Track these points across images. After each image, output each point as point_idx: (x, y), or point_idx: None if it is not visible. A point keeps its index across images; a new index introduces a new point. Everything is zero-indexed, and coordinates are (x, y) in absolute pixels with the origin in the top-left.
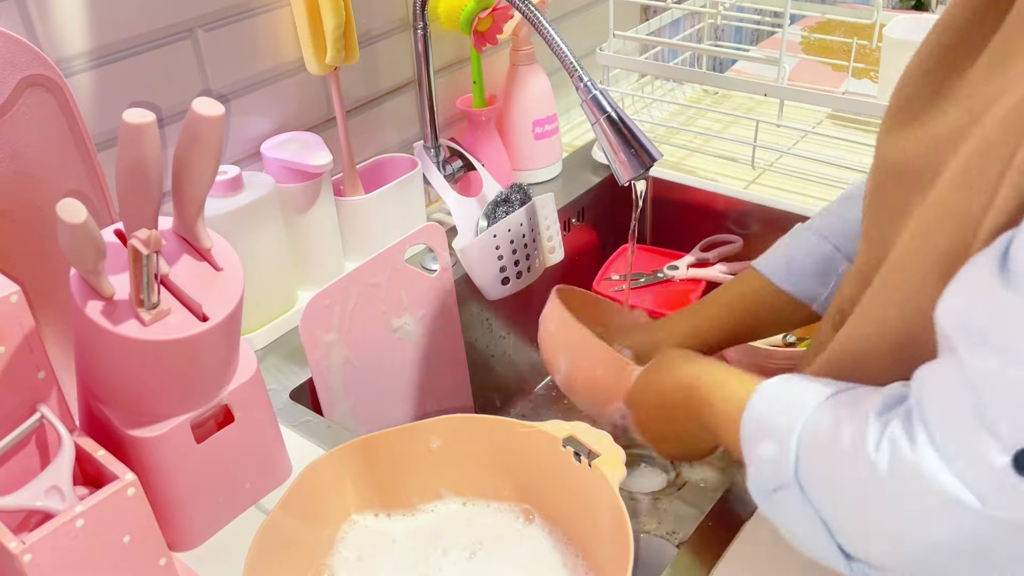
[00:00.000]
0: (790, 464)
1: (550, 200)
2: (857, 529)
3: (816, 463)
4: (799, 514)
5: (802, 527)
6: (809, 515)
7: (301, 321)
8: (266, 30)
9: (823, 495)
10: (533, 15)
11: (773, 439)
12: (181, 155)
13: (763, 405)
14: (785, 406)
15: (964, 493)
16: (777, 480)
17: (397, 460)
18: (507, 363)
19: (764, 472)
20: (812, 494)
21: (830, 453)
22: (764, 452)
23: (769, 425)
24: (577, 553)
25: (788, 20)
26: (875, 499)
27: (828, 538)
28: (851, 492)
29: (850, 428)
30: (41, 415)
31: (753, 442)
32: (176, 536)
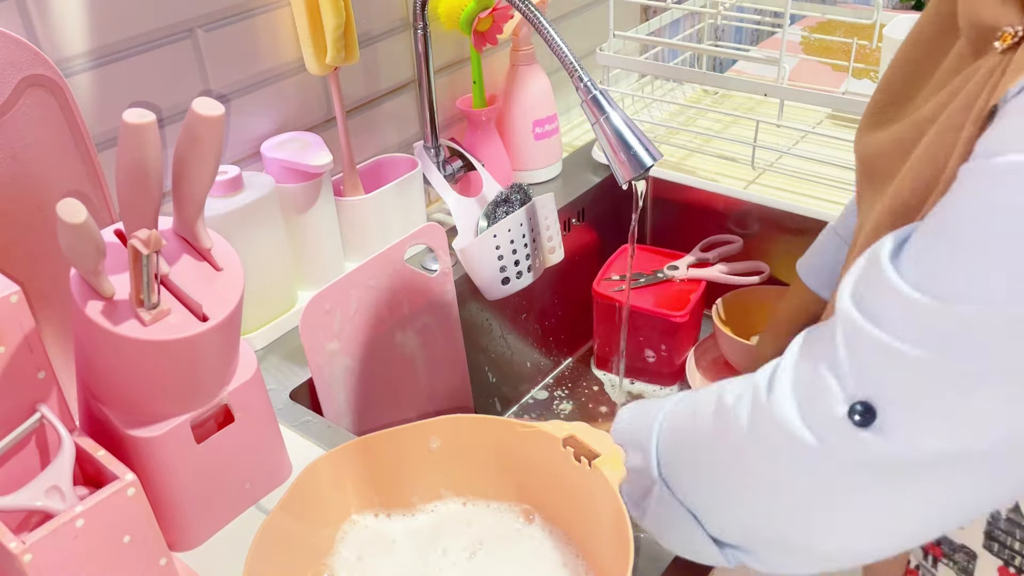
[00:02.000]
0: (653, 465)
1: (550, 200)
2: (720, 503)
3: (678, 450)
4: (668, 512)
5: (675, 524)
6: (677, 510)
7: (301, 324)
8: (266, 30)
9: (687, 480)
10: (533, 15)
11: (635, 448)
12: (181, 155)
13: (625, 422)
14: (639, 417)
15: (807, 435)
16: (644, 484)
17: (397, 460)
18: (507, 363)
19: (633, 481)
20: (677, 486)
21: (691, 432)
22: (630, 463)
23: (631, 437)
24: (577, 553)
25: (788, 20)
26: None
27: (697, 528)
28: (712, 459)
29: (709, 399)
30: (41, 415)
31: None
32: (176, 536)
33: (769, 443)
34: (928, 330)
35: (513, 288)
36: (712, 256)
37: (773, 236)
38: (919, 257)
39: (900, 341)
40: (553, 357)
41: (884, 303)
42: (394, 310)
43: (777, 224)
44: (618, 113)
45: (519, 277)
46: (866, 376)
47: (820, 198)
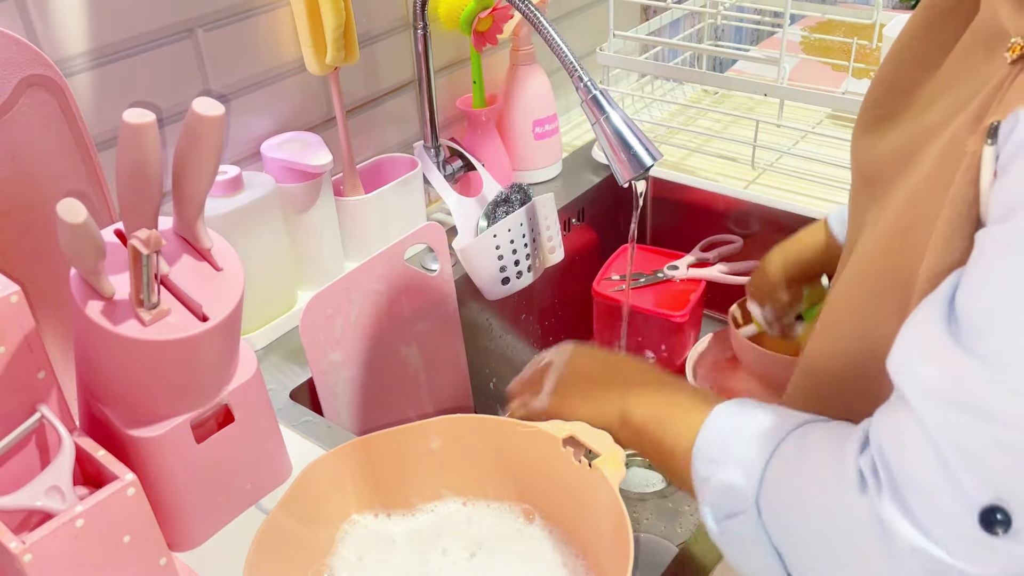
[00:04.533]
0: (752, 490)
1: (550, 200)
2: (817, 564)
3: (781, 491)
4: (752, 541)
5: (752, 555)
6: (763, 544)
7: (301, 325)
8: (266, 30)
9: (782, 524)
10: (533, 15)
11: (738, 464)
12: (181, 155)
13: (723, 429)
14: (749, 432)
15: (931, 547)
16: (735, 506)
17: (397, 460)
18: (507, 363)
19: (722, 497)
20: (770, 522)
21: (799, 483)
22: (726, 477)
23: (734, 450)
24: (577, 553)
25: (788, 20)
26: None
27: (779, 567)
28: (815, 525)
29: (823, 462)
30: (41, 415)
31: (716, 465)
32: (176, 536)
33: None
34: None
35: (513, 288)
36: (712, 256)
37: (773, 236)
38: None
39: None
40: None
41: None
42: (394, 310)
43: (777, 224)
44: (618, 113)
45: (519, 277)
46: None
47: (820, 198)
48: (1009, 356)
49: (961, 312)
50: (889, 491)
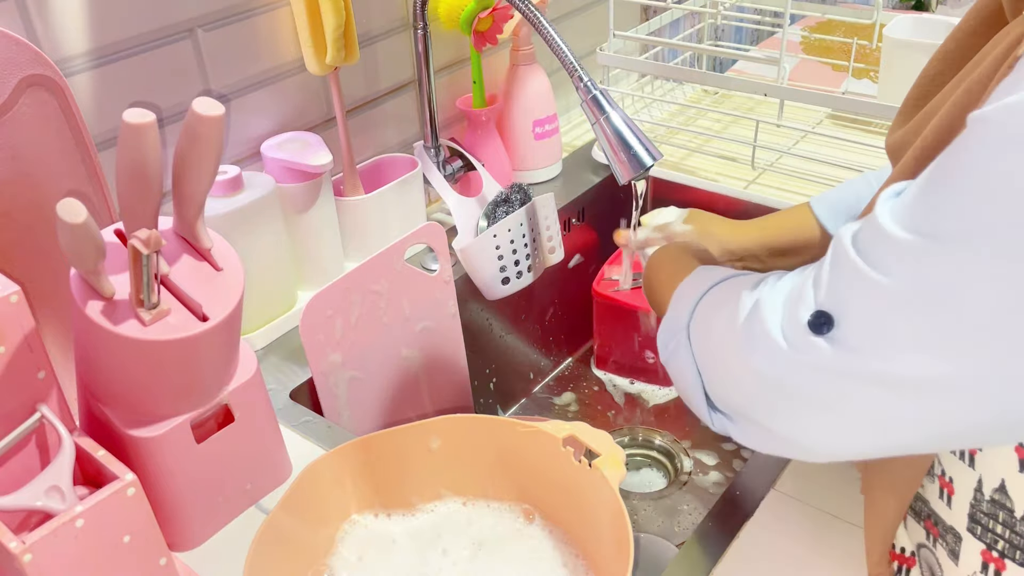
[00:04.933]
0: (685, 318)
1: (550, 200)
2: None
3: (706, 314)
4: (683, 362)
5: (683, 375)
6: (689, 363)
7: (301, 325)
8: (266, 30)
9: (700, 344)
10: (533, 15)
11: (683, 299)
12: (181, 155)
13: (691, 280)
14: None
15: (777, 332)
16: (676, 330)
17: (397, 460)
18: (507, 363)
19: (668, 325)
20: (694, 343)
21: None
22: (677, 309)
23: (687, 291)
24: (577, 553)
25: (788, 20)
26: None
27: (699, 385)
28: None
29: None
30: (41, 415)
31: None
32: (176, 536)
33: (751, 336)
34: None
35: (513, 288)
36: None
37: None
38: (912, 197)
39: (871, 266)
40: (553, 357)
41: (872, 237)
42: (394, 311)
43: None
44: (618, 113)
45: (519, 277)
46: (834, 291)
47: None
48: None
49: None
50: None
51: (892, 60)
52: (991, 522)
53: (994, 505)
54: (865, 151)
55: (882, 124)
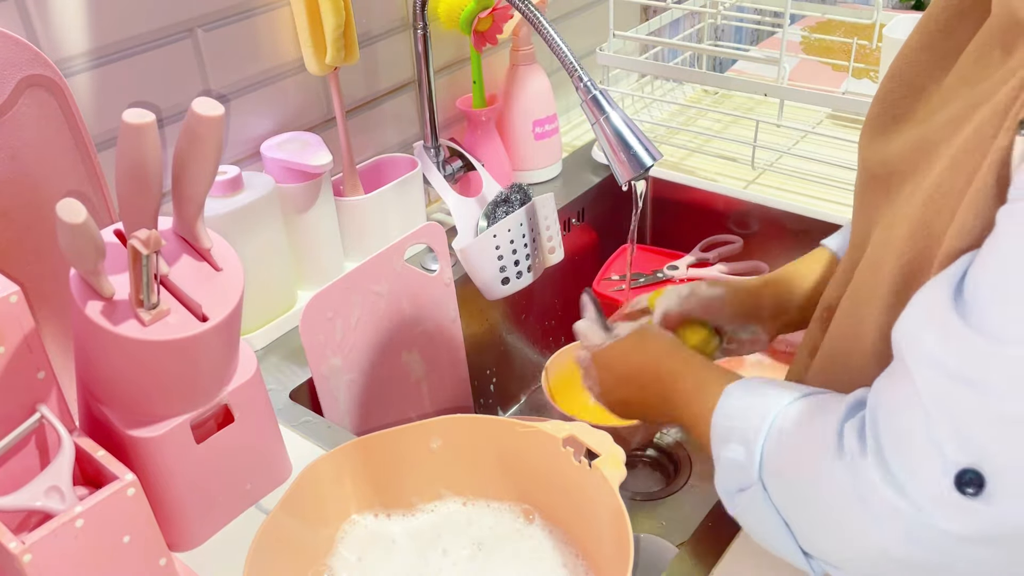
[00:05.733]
0: (755, 465)
1: (550, 200)
2: (815, 530)
3: (778, 465)
4: (762, 513)
5: (765, 526)
6: (771, 515)
7: (301, 325)
8: (266, 30)
9: (784, 496)
10: (533, 15)
11: (739, 442)
12: (181, 155)
13: (731, 408)
14: (752, 409)
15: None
16: (742, 481)
17: (397, 460)
18: (507, 363)
19: (730, 473)
20: (774, 494)
21: (791, 456)
22: (730, 454)
23: (737, 428)
24: (577, 553)
25: (788, 20)
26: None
27: (789, 537)
28: (809, 495)
29: (813, 432)
30: (41, 415)
31: (722, 443)
32: (176, 536)
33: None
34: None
35: (513, 288)
36: (712, 256)
37: (773, 236)
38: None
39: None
40: None
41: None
42: (394, 312)
43: (777, 224)
44: (618, 113)
45: (519, 277)
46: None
47: (820, 198)
48: (1007, 331)
49: (969, 287)
50: (873, 453)
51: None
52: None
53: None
54: None
55: None
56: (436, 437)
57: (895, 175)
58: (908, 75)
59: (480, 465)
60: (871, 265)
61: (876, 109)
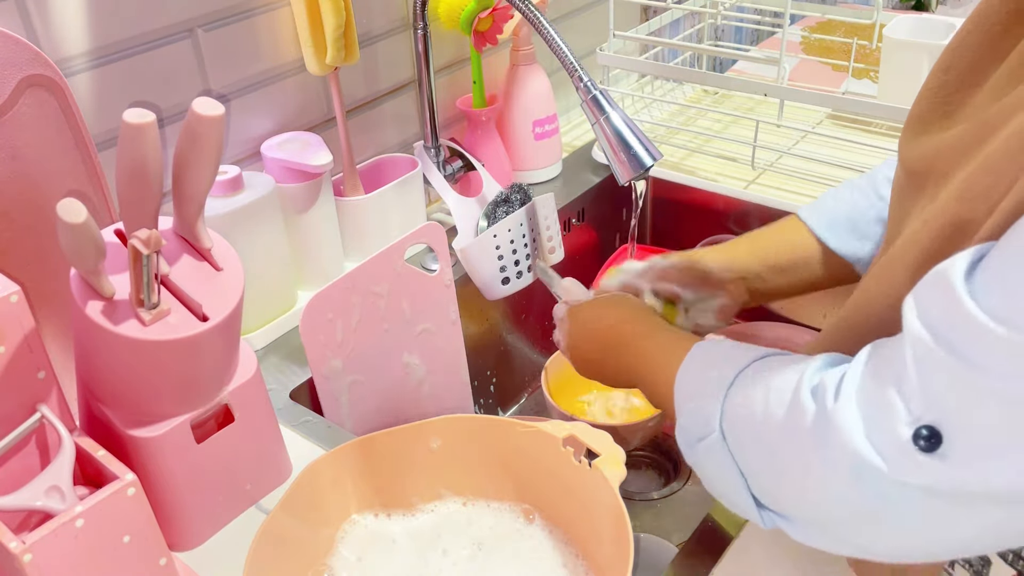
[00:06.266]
0: (716, 414)
1: (550, 200)
2: (771, 477)
3: (740, 413)
4: (719, 462)
5: (721, 476)
6: (727, 463)
7: (301, 325)
8: (266, 30)
9: (742, 443)
10: (533, 15)
11: (703, 393)
12: (181, 155)
13: (698, 363)
14: (719, 363)
15: (872, 455)
16: (702, 430)
17: (397, 460)
18: (507, 363)
19: (691, 422)
20: (732, 443)
21: (755, 404)
22: (694, 404)
23: (702, 379)
24: (577, 553)
25: (788, 20)
26: (793, 446)
27: (743, 485)
28: (772, 438)
29: (778, 381)
30: (41, 415)
31: (685, 398)
32: (176, 536)
33: (831, 451)
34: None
35: (513, 288)
36: None
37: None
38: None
39: (972, 369)
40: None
41: (960, 330)
42: (394, 312)
43: None
44: (618, 113)
45: (519, 277)
46: (935, 401)
47: None
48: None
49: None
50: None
51: (892, 60)
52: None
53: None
54: (865, 151)
55: (882, 124)
56: (436, 437)
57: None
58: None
59: (480, 465)
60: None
61: (924, 104)
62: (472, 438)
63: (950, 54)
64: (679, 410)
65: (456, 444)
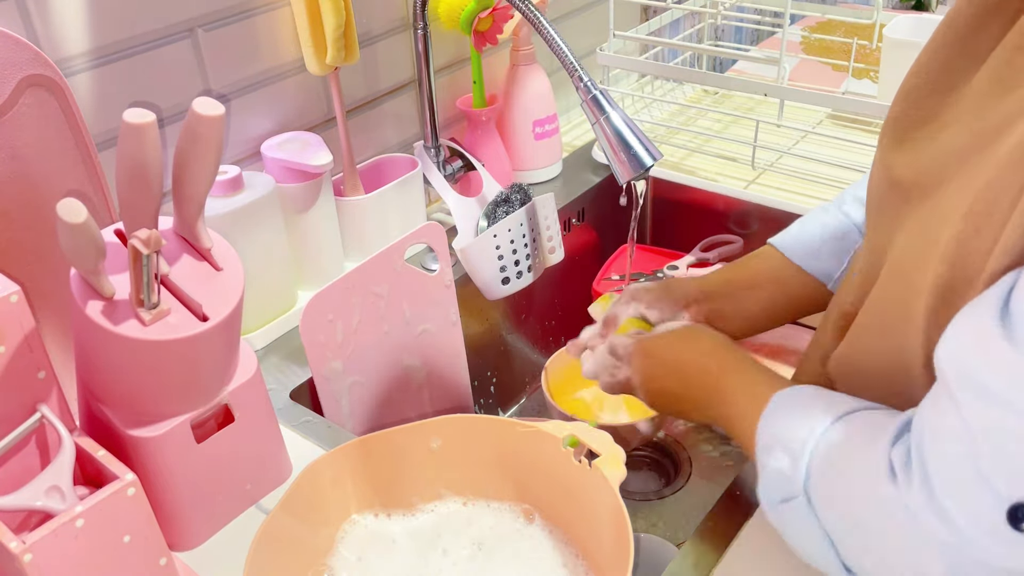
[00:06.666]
0: (800, 477)
1: (550, 200)
2: (858, 549)
3: (826, 479)
4: (804, 526)
5: (806, 538)
6: (814, 527)
7: (301, 325)
8: (266, 30)
9: (829, 511)
10: (533, 15)
11: (786, 451)
12: (181, 155)
13: (778, 415)
14: (800, 419)
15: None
16: (786, 491)
17: (397, 460)
18: (507, 363)
19: (774, 482)
20: (819, 508)
21: (840, 473)
22: (776, 463)
23: (783, 437)
24: (577, 553)
25: (788, 20)
26: (876, 525)
27: (831, 550)
28: (856, 513)
29: (862, 452)
30: (41, 415)
31: (767, 452)
32: (176, 536)
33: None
34: None
35: (513, 288)
36: (712, 256)
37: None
38: None
39: None
40: None
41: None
42: (394, 312)
43: (777, 224)
44: (618, 113)
45: (519, 277)
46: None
47: (820, 198)
48: None
49: (1015, 308)
50: (920, 482)
51: (892, 60)
52: None
53: None
54: (865, 151)
55: (882, 124)
56: (436, 437)
57: (925, 183)
58: (934, 72)
59: (480, 465)
60: (897, 276)
61: (899, 107)
62: (472, 438)
63: (923, 57)
64: (761, 465)
65: (456, 444)
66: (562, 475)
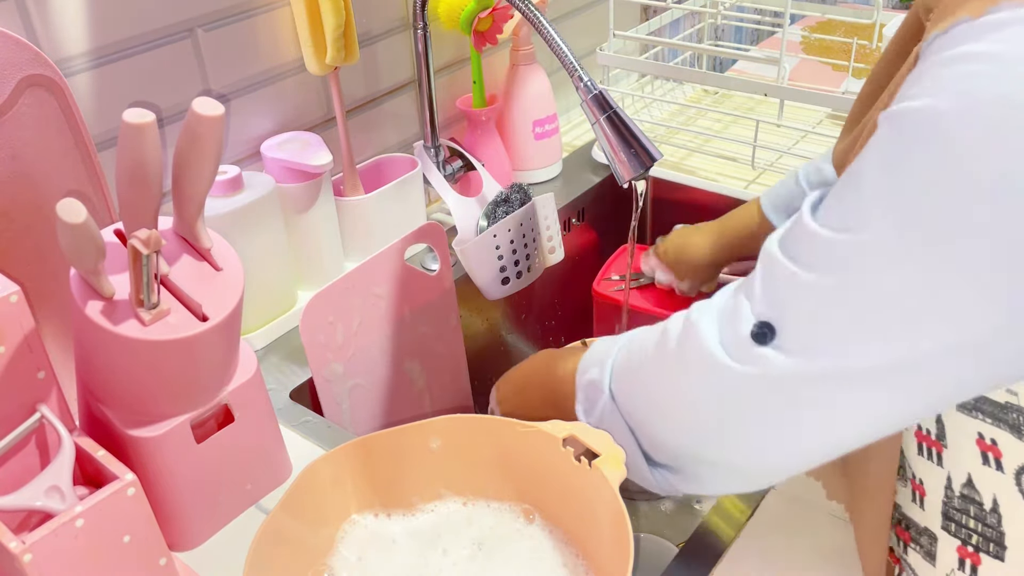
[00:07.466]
0: (606, 379)
1: (550, 200)
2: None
3: (626, 368)
4: (612, 424)
5: (618, 436)
6: (619, 423)
7: (301, 325)
8: (266, 30)
9: (628, 397)
10: (533, 15)
11: (596, 364)
12: (181, 155)
13: (591, 352)
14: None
15: (720, 352)
16: (595, 396)
17: (397, 460)
18: (507, 363)
19: (586, 393)
20: (621, 401)
21: (638, 352)
22: (589, 376)
23: (594, 358)
24: (577, 553)
25: (788, 20)
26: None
27: (633, 443)
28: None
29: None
30: (41, 415)
31: (582, 373)
32: (176, 536)
33: (688, 360)
34: (824, 257)
35: (513, 288)
36: None
37: None
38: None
39: (802, 268)
40: None
41: (799, 241)
42: (394, 313)
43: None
44: (618, 113)
45: (519, 277)
46: (771, 300)
47: None
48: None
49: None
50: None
51: None
52: (964, 517)
53: (964, 500)
54: None
55: None
56: (436, 437)
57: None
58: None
59: (480, 465)
60: None
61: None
62: (472, 438)
63: (877, 64)
64: (579, 388)
65: (456, 444)
66: (562, 475)
